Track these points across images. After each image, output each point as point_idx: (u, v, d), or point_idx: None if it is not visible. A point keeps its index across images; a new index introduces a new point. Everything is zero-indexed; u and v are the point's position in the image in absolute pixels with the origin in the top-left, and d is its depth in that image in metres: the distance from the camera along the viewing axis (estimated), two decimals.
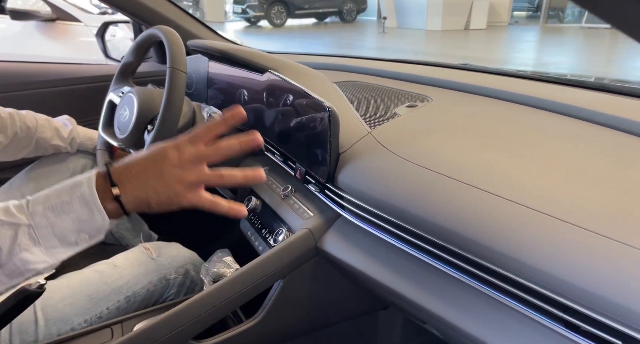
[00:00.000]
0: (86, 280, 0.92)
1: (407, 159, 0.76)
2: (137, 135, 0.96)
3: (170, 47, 0.92)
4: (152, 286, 0.96)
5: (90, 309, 0.89)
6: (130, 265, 0.96)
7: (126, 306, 0.93)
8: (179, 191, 0.57)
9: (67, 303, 0.87)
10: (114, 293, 0.92)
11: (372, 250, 0.78)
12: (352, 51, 9.02)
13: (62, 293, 0.88)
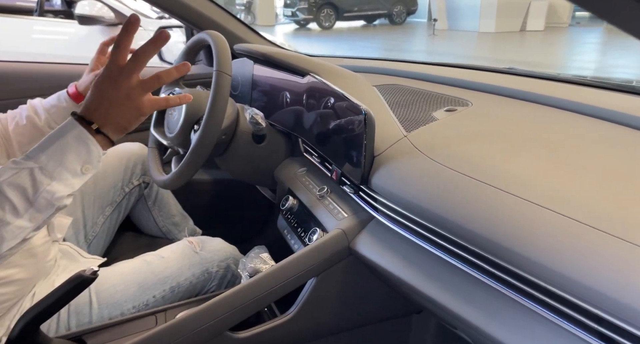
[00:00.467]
0: (136, 269, 0.98)
1: (442, 163, 0.76)
2: (184, 134, 1.01)
3: (217, 51, 0.96)
4: (194, 278, 1.01)
5: (139, 296, 0.95)
6: (175, 258, 1.01)
7: (171, 296, 0.98)
8: (140, 108, 0.67)
9: (118, 290, 0.94)
10: (160, 282, 0.97)
11: (404, 253, 0.78)
12: (400, 54, 8.92)
13: (115, 280, 0.95)
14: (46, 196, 0.63)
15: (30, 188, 0.62)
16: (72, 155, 0.65)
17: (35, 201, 0.63)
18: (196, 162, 0.96)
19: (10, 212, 0.61)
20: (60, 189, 0.64)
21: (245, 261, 0.90)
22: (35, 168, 0.62)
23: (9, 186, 0.61)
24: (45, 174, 0.63)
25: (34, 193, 0.62)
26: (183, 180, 0.99)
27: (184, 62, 0.70)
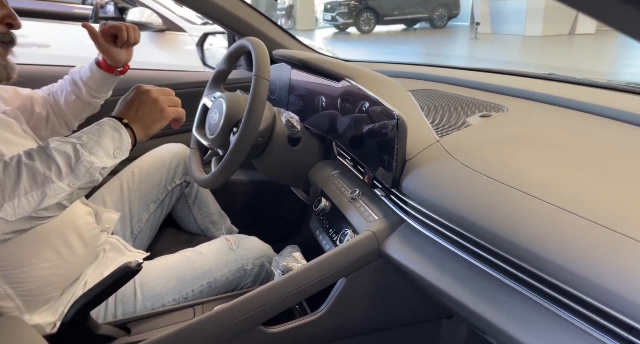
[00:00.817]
0: (176, 264, 1.04)
1: (473, 168, 0.76)
2: (223, 136, 1.06)
3: (256, 56, 1.00)
4: (230, 274, 1.05)
5: (179, 289, 1.00)
6: (213, 254, 1.06)
7: (208, 291, 1.03)
8: (164, 110, 0.83)
9: (160, 282, 0.99)
10: (198, 277, 1.02)
11: (434, 257, 0.79)
12: (439, 59, 8.77)
13: (157, 273, 1.01)
14: (85, 165, 0.72)
15: (73, 157, 0.72)
16: (108, 139, 0.76)
17: (76, 168, 0.72)
18: (234, 162, 1.00)
19: (55, 173, 0.70)
20: (97, 161, 0.74)
21: (278, 259, 0.94)
22: (77, 143, 0.73)
23: (56, 151, 0.71)
24: (85, 149, 0.73)
25: (76, 161, 0.72)
26: (221, 180, 1.04)
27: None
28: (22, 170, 0.68)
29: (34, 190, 0.68)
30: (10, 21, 0.85)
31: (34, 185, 0.68)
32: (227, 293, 1.03)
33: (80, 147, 0.73)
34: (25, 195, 0.67)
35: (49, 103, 1.13)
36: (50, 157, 0.70)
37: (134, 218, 1.22)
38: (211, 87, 1.21)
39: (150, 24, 2.72)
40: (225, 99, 1.09)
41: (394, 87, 1.13)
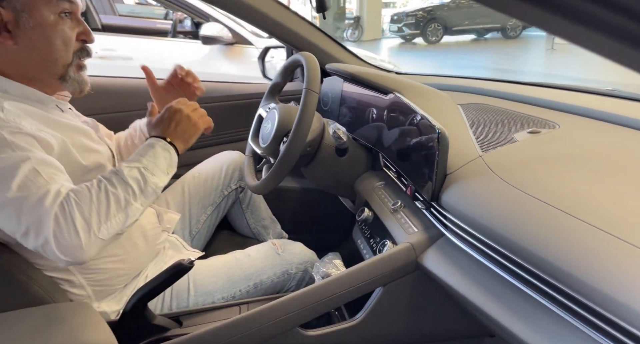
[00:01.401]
0: (226, 264, 1.11)
1: (514, 185, 0.76)
2: (274, 145, 1.12)
3: (307, 70, 1.06)
4: (275, 277, 1.11)
5: (227, 288, 1.07)
6: (260, 257, 1.12)
7: (254, 291, 1.09)
8: (196, 125, 0.95)
9: (211, 281, 1.07)
10: (246, 278, 1.08)
11: (471, 272, 0.79)
12: (508, 74, 8.39)
13: (209, 271, 1.08)
14: (152, 186, 0.85)
15: (141, 180, 0.83)
16: (162, 159, 0.89)
17: (145, 190, 0.84)
18: (282, 170, 1.06)
19: (132, 196, 0.82)
20: (158, 181, 0.86)
21: (319, 265, 0.97)
22: (141, 167, 0.85)
23: (129, 177, 0.82)
24: (148, 171, 0.85)
25: (144, 184, 0.84)
26: (270, 187, 1.10)
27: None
28: (110, 197, 0.79)
29: (120, 213, 0.80)
30: (84, 38, 0.91)
31: (120, 208, 0.80)
32: (272, 294, 1.09)
33: (145, 170, 0.84)
34: (115, 217, 0.79)
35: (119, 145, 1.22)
36: (126, 182, 0.82)
37: (192, 219, 1.32)
38: (267, 99, 1.29)
39: (220, 38, 2.89)
40: (278, 110, 1.15)
41: (443, 100, 1.14)
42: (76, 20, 0.89)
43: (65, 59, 0.87)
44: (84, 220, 0.74)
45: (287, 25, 1.38)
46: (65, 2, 0.85)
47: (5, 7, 0.79)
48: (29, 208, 0.73)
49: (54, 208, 0.73)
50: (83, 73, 0.93)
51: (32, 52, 0.84)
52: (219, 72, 2.93)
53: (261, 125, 1.23)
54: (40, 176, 0.75)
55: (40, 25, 0.82)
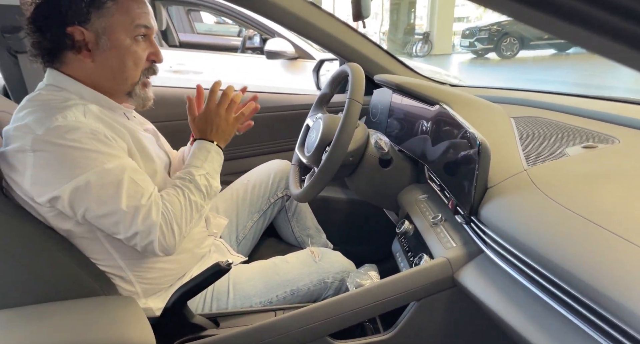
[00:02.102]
0: (265, 269, 1.13)
1: (559, 202, 0.71)
2: (318, 154, 1.14)
3: (352, 80, 1.07)
4: (312, 285, 1.11)
5: (265, 293, 1.08)
6: (297, 264, 1.13)
7: (291, 298, 1.09)
8: (234, 125, 1.06)
9: (250, 284, 1.09)
10: (282, 284, 1.10)
11: (509, 292, 0.75)
12: (590, 90, 7.82)
13: (248, 276, 1.11)
14: (215, 190, 0.99)
15: (208, 186, 0.97)
16: (217, 163, 1.02)
17: (210, 193, 0.98)
18: (323, 179, 1.06)
19: (203, 200, 0.96)
20: (217, 184, 1.00)
21: (353, 275, 0.96)
22: (205, 173, 0.98)
23: (202, 185, 0.96)
24: (210, 176, 0.98)
25: (210, 188, 0.98)
26: (312, 195, 1.11)
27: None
28: (193, 204, 0.94)
29: (197, 215, 0.95)
30: (154, 58, 0.97)
31: (198, 212, 0.95)
32: (308, 302, 1.09)
33: (209, 175, 0.98)
34: (195, 219, 0.95)
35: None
36: (200, 190, 0.96)
37: (239, 225, 1.36)
38: (315, 109, 1.31)
39: (284, 53, 2.98)
40: (323, 120, 1.16)
41: (494, 112, 1.09)
42: (149, 41, 0.96)
43: (134, 78, 0.94)
44: (179, 226, 0.90)
45: (338, 36, 1.40)
46: (142, 28, 0.92)
47: (89, 29, 0.88)
48: (141, 220, 0.86)
49: (159, 220, 0.87)
50: (148, 89, 1.00)
51: (106, 70, 0.92)
52: (280, 86, 3.03)
53: (307, 134, 1.25)
54: (138, 185, 0.87)
55: (116, 47, 0.90)
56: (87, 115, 0.87)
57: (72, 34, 0.87)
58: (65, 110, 0.84)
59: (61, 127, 0.81)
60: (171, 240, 0.90)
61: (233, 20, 3.38)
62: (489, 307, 0.76)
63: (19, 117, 0.85)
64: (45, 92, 0.90)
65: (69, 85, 0.91)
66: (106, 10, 0.88)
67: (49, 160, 0.81)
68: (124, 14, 0.89)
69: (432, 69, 4.25)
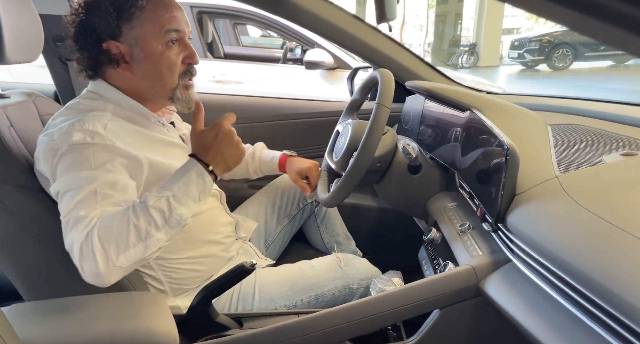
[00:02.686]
0: (290, 273, 1.13)
1: (591, 210, 0.67)
2: (345, 159, 1.13)
3: (381, 85, 1.06)
4: (337, 291, 1.10)
5: (290, 297, 1.09)
6: (322, 269, 1.13)
7: (315, 303, 1.09)
8: (239, 150, 0.91)
9: (275, 287, 1.10)
10: (307, 288, 1.09)
11: (536, 304, 0.71)
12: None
13: (273, 278, 1.11)
14: (177, 218, 0.82)
15: (167, 211, 0.81)
16: (194, 186, 0.85)
17: (169, 220, 0.82)
18: (348, 185, 1.06)
19: (153, 227, 0.80)
20: (186, 212, 0.84)
21: (376, 281, 0.95)
22: (170, 196, 0.83)
23: (153, 208, 0.81)
24: (176, 200, 0.83)
25: (169, 214, 0.82)
26: (338, 200, 1.11)
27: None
28: (131, 227, 0.78)
29: (140, 243, 0.79)
30: (189, 60, 0.96)
31: (139, 239, 0.79)
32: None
33: (173, 198, 0.82)
34: (134, 247, 0.78)
35: None
36: (150, 214, 0.80)
37: (268, 229, 1.38)
38: (345, 115, 1.31)
39: (322, 63, 3.02)
40: (352, 125, 1.16)
41: (529, 119, 1.05)
42: (183, 44, 0.95)
43: (171, 83, 0.95)
44: (103, 250, 0.76)
45: (368, 42, 1.40)
46: (172, 32, 0.92)
47: (122, 42, 0.91)
48: (69, 231, 0.79)
49: (81, 237, 0.76)
50: (190, 91, 0.99)
51: (144, 79, 0.94)
52: (319, 95, 3.06)
53: (336, 140, 1.25)
54: (95, 198, 0.80)
55: (149, 55, 0.91)
56: (107, 127, 0.87)
57: (108, 49, 0.91)
58: (87, 121, 0.85)
59: (71, 134, 0.84)
60: (91, 264, 0.75)
61: (277, 33, 3.46)
62: (514, 318, 0.73)
63: (53, 123, 0.90)
64: (83, 100, 0.94)
65: (109, 93, 0.94)
66: (136, 21, 0.89)
67: (53, 161, 0.84)
68: (153, 21, 0.90)
69: (476, 79, 4.15)
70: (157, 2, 0.91)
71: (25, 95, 1.07)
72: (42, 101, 1.10)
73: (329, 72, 3.13)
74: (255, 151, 1.37)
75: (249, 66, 3.59)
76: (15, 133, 0.95)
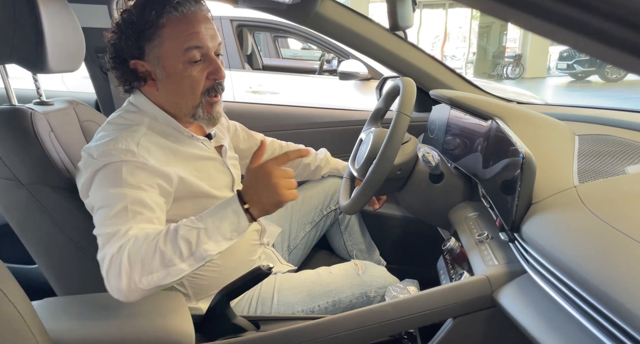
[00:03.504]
0: (309, 278, 1.14)
1: (607, 221, 0.65)
2: (366, 167, 1.14)
3: (402, 93, 1.06)
4: (354, 298, 1.10)
5: (307, 302, 1.10)
6: (340, 275, 1.13)
7: (332, 309, 1.09)
8: (282, 195, 0.85)
9: (293, 292, 1.11)
10: (325, 294, 1.10)
11: (549, 316, 0.69)
12: None
13: (292, 283, 1.13)
14: (202, 253, 0.82)
15: (194, 244, 0.81)
16: (227, 223, 0.84)
17: (195, 253, 0.81)
18: (368, 191, 1.06)
19: (178, 257, 0.80)
20: (213, 248, 0.83)
21: (391, 289, 0.95)
22: (202, 228, 0.82)
23: (182, 238, 0.81)
24: (207, 234, 0.82)
25: (196, 248, 0.81)
26: (358, 207, 1.11)
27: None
28: (157, 253, 0.79)
29: (162, 269, 0.79)
30: (215, 77, 0.95)
31: (163, 265, 0.79)
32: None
33: (203, 232, 0.82)
34: (157, 272, 0.79)
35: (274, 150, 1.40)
36: (177, 243, 0.80)
37: (292, 235, 1.39)
38: (369, 124, 1.32)
39: (356, 74, 3.04)
40: (374, 133, 1.17)
41: (555, 129, 1.03)
42: (208, 60, 0.94)
43: (193, 101, 0.96)
44: (130, 268, 0.78)
45: (393, 50, 1.41)
46: (193, 50, 0.91)
47: (146, 60, 0.94)
48: (102, 245, 0.81)
49: (113, 250, 0.79)
50: (214, 109, 0.98)
51: (168, 96, 0.98)
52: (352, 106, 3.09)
53: (359, 148, 1.26)
54: (126, 214, 0.82)
55: (170, 74, 0.93)
56: (140, 143, 0.90)
57: (135, 68, 0.95)
58: (121, 140, 0.89)
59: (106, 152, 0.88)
60: (116, 279, 0.78)
61: (316, 45, 3.52)
62: (527, 330, 0.71)
63: (95, 138, 0.95)
64: (123, 114, 0.99)
65: (146, 106, 0.98)
66: (157, 40, 0.91)
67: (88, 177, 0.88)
68: (173, 40, 0.91)
69: (517, 91, 4.04)
70: (178, 19, 0.90)
71: (67, 102, 1.15)
72: (82, 108, 1.18)
73: (363, 82, 3.15)
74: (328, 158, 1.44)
75: (286, 77, 3.68)
76: (55, 137, 1.03)
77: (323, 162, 1.43)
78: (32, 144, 0.97)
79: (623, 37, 0.25)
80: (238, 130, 1.31)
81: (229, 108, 1.05)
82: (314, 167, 1.41)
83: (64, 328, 0.80)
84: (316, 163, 1.41)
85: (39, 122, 1.00)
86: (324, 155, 1.44)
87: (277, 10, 1.37)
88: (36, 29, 0.93)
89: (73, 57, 1.07)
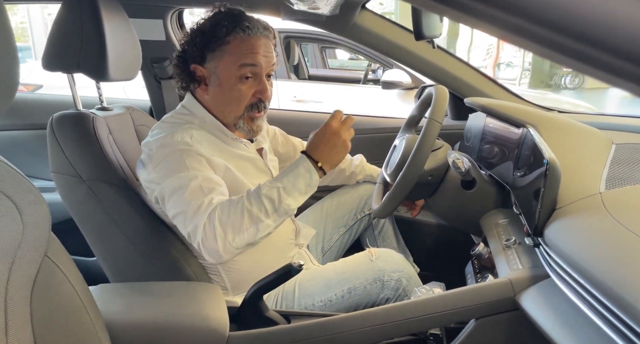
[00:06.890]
0: (326, 269, 1.18)
1: (629, 228, 0.65)
2: (397, 172, 1.17)
3: (434, 100, 1.09)
4: (368, 283, 1.11)
5: (325, 292, 1.13)
6: (354, 262, 1.16)
7: (349, 297, 1.11)
8: (346, 147, 1.00)
9: (312, 284, 1.14)
10: (340, 283, 1.12)
11: (570, 321, 0.70)
12: None
13: (311, 275, 1.17)
14: (285, 207, 0.94)
15: (276, 200, 0.93)
16: (301, 180, 0.97)
17: (279, 209, 0.94)
18: (398, 196, 1.10)
19: (264, 214, 0.93)
20: (292, 203, 0.95)
21: (417, 290, 0.97)
22: (280, 187, 0.95)
23: (265, 197, 0.93)
24: (285, 192, 0.94)
25: (279, 204, 0.93)
26: (388, 211, 1.14)
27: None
28: (245, 212, 0.91)
29: (251, 227, 0.92)
30: (260, 96, 1.06)
31: (252, 223, 0.92)
32: (367, 304, 1.10)
33: (282, 190, 0.94)
34: (247, 230, 0.92)
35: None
36: (261, 201, 0.93)
37: (326, 237, 1.44)
38: (403, 130, 1.35)
39: (400, 83, 3.06)
40: (406, 139, 1.20)
41: (588, 137, 1.02)
42: (258, 79, 1.05)
43: (236, 112, 1.07)
44: (222, 230, 0.90)
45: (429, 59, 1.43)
46: (247, 67, 1.02)
47: (205, 66, 1.06)
48: (191, 217, 0.92)
49: (204, 219, 0.90)
50: (254, 123, 1.10)
51: (215, 102, 1.09)
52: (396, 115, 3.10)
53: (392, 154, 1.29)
54: (202, 190, 0.94)
55: (222, 84, 1.05)
56: (193, 136, 1.01)
57: (194, 71, 1.07)
58: (176, 133, 1.01)
59: (165, 144, 1.00)
60: (212, 243, 0.89)
61: (363, 56, 3.57)
62: (548, 334, 0.71)
63: (151, 134, 1.07)
64: (175, 114, 1.11)
65: (197, 110, 1.10)
66: (218, 52, 1.03)
67: (153, 169, 1.00)
68: (232, 55, 1.02)
69: (572, 102, 3.91)
70: (242, 39, 1.02)
71: (124, 108, 1.27)
72: (137, 113, 1.30)
73: (406, 92, 3.16)
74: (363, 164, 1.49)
75: (330, 87, 3.75)
76: (112, 139, 1.14)
77: (358, 168, 1.47)
78: (92, 145, 1.08)
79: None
80: (277, 134, 1.39)
81: (271, 114, 1.13)
82: (349, 173, 1.46)
83: (115, 310, 0.89)
84: (351, 169, 1.46)
85: (99, 125, 1.11)
86: (360, 162, 1.48)
87: (317, 22, 1.44)
88: (100, 42, 1.05)
89: (131, 67, 1.18)
